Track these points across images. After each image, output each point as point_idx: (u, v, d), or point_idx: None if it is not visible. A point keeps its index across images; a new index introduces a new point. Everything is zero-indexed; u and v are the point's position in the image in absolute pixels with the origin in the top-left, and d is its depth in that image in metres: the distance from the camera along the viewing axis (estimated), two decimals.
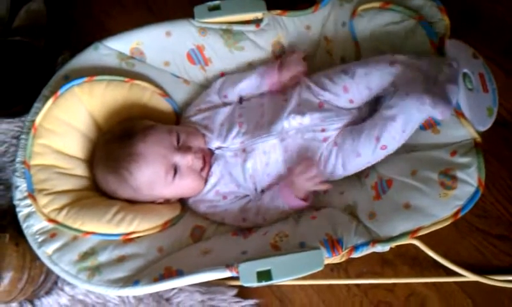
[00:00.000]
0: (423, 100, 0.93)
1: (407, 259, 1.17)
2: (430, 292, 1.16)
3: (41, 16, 1.50)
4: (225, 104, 1.19)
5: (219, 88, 1.20)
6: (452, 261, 1.07)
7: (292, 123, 1.08)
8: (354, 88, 1.05)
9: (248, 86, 1.18)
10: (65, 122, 1.10)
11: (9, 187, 1.28)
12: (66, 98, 1.10)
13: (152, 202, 1.11)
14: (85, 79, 1.12)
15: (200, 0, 1.22)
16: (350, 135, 1.04)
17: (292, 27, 1.21)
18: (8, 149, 1.33)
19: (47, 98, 1.10)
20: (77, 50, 1.39)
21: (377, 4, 1.12)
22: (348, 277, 1.19)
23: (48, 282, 1.20)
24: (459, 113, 0.96)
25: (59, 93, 1.10)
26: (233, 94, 1.19)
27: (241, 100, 1.20)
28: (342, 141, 1.05)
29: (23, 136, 1.09)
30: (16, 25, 1.45)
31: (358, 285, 1.19)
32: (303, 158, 1.07)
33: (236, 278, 0.94)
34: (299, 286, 1.20)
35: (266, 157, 1.09)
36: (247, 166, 1.09)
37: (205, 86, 1.24)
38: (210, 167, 1.11)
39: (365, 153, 1.01)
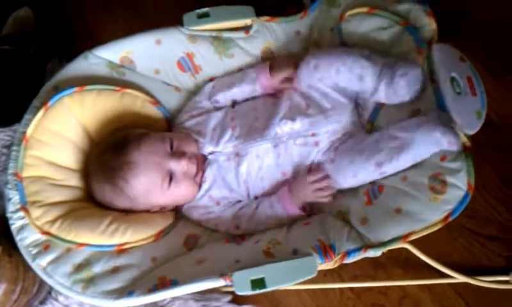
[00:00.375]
0: (435, 128, 0.94)
1: (399, 262, 1.18)
2: (423, 294, 1.17)
3: (29, 23, 1.49)
4: (217, 109, 1.19)
5: (209, 93, 1.20)
6: (444, 263, 1.09)
7: (284, 128, 1.09)
8: (324, 66, 1.07)
9: (241, 92, 1.18)
10: (56, 133, 1.10)
11: (0, 196, 1.28)
12: (56, 108, 1.10)
13: (147, 211, 1.11)
14: (75, 89, 1.11)
15: (188, 6, 1.23)
16: (348, 156, 1.04)
17: (281, 33, 1.21)
18: None
19: (37, 109, 1.10)
20: (66, 56, 1.41)
21: (364, 10, 1.12)
22: (341, 281, 1.20)
23: (42, 292, 1.20)
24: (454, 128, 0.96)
25: (49, 104, 1.09)
26: (225, 100, 1.19)
27: (234, 104, 1.20)
28: (339, 160, 1.05)
29: (14, 147, 1.09)
30: (4, 34, 1.45)
31: (351, 289, 1.20)
32: (290, 173, 1.09)
33: (230, 285, 0.94)
34: (294, 291, 1.20)
35: (259, 161, 1.09)
36: (241, 170, 1.09)
37: (196, 93, 1.24)
38: (204, 172, 1.12)
39: (362, 175, 1.02)
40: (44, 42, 1.47)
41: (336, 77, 1.07)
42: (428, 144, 0.95)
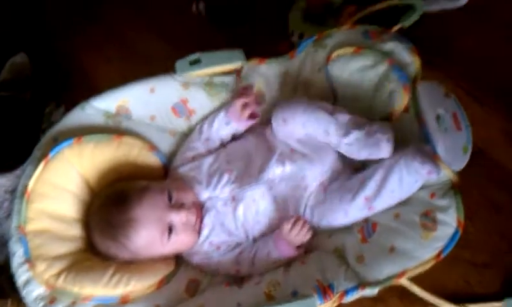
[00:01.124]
0: (414, 158, 0.98)
1: (397, 292, 1.18)
2: None
3: (25, 69, 1.52)
4: (210, 151, 1.22)
5: (199, 133, 1.23)
6: (439, 293, 1.10)
7: (275, 172, 1.12)
8: (291, 120, 1.12)
9: (220, 125, 1.21)
10: (57, 185, 1.12)
11: (4, 243, 1.30)
12: (57, 160, 1.12)
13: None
14: (73, 141, 1.13)
15: (182, 48, 1.25)
16: (337, 194, 1.08)
17: (271, 74, 1.24)
18: (2, 205, 1.35)
19: (38, 161, 1.12)
20: (63, 100, 1.44)
21: (350, 50, 1.16)
22: None
23: None
24: (435, 156, 1.00)
25: (49, 156, 1.12)
26: (214, 138, 1.22)
27: (224, 144, 1.23)
28: (329, 200, 1.09)
29: (17, 200, 1.11)
30: (1, 80, 1.48)
31: None
32: (286, 215, 1.12)
33: None
34: None
35: (256, 205, 1.12)
36: (238, 214, 1.12)
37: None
38: (202, 219, 1.14)
39: (353, 212, 1.06)
40: (41, 87, 1.50)
41: (304, 130, 1.11)
42: (410, 174, 1.00)
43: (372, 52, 1.14)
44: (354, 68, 1.15)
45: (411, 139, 1.05)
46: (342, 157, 1.14)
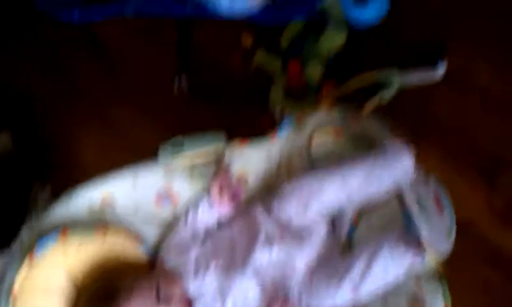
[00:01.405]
0: (399, 241, 1.01)
1: None
2: None
3: (8, 149, 1.53)
4: (196, 240, 1.21)
5: (184, 221, 1.22)
6: None
7: (262, 257, 1.12)
8: (311, 195, 1.13)
9: (204, 212, 1.22)
10: (43, 284, 1.11)
11: None
12: (42, 259, 1.10)
13: None
14: (58, 237, 1.12)
15: (166, 125, 1.26)
16: (324, 279, 1.08)
17: (252, 156, 1.25)
18: None
19: (23, 256, 1.10)
20: (48, 180, 1.43)
21: (330, 134, 1.19)
22: None
23: None
24: (419, 242, 1.00)
25: (35, 253, 1.10)
26: (199, 225, 1.22)
27: (210, 232, 1.23)
28: (316, 286, 1.09)
29: (3, 301, 1.09)
30: None
31: None
32: (274, 300, 1.11)
33: None
34: None
35: (244, 294, 1.11)
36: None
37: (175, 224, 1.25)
38: None
39: (340, 297, 1.06)
40: (25, 166, 1.50)
41: (327, 197, 1.13)
42: (394, 260, 1.01)
43: (352, 136, 1.17)
44: (335, 152, 1.18)
45: (393, 224, 1.06)
46: (330, 242, 1.15)
